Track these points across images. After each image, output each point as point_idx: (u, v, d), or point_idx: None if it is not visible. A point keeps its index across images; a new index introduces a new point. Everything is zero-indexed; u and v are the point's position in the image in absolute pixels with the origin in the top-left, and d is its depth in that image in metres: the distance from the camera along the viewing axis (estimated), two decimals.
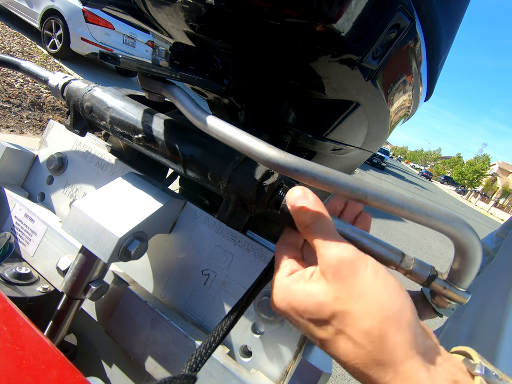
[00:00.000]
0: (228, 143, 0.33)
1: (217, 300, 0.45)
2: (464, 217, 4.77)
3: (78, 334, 0.55)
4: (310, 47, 0.38)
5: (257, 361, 0.43)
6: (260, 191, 0.37)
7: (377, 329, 0.24)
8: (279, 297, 0.29)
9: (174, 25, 0.47)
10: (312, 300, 0.26)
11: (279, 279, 0.30)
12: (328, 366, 0.39)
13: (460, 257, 0.28)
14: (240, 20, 0.39)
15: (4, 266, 0.50)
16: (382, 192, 0.27)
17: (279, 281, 0.30)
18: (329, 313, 0.26)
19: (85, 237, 0.40)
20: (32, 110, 3.57)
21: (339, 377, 2.14)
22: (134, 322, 0.45)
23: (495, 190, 59.20)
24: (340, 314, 0.25)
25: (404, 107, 0.59)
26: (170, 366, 0.43)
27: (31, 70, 0.55)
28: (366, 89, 0.45)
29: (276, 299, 0.29)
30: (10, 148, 0.57)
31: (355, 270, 0.26)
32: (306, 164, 0.28)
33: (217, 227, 0.47)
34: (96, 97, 0.47)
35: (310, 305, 0.27)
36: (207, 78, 0.45)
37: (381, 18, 0.36)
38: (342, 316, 0.25)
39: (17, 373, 0.26)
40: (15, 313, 0.32)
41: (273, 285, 0.31)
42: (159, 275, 0.49)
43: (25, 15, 5.91)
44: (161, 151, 0.43)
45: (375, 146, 0.71)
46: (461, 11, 0.50)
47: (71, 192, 0.57)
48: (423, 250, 6.43)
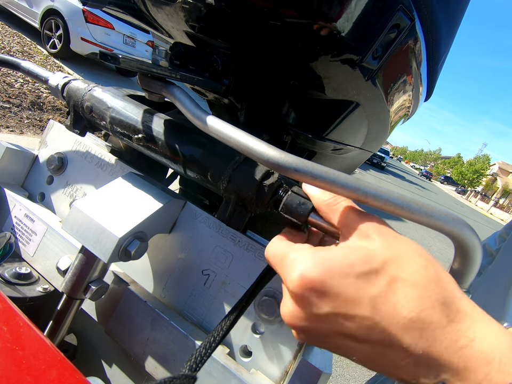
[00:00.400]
0: (228, 143, 0.33)
1: (217, 300, 0.45)
2: (464, 217, 4.78)
3: (78, 334, 0.55)
4: (310, 47, 0.38)
5: (257, 361, 0.43)
6: (260, 191, 0.37)
7: (431, 266, 0.23)
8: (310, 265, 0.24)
9: (174, 25, 0.47)
10: (358, 253, 0.24)
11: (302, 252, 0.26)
12: (328, 366, 0.39)
13: (460, 257, 0.28)
14: (240, 19, 0.39)
15: (4, 266, 0.50)
16: (382, 192, 0.27)
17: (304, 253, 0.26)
18: (380, 261, 0.23)
19: (85, 237, 0.40)
20: (32, 110, 3.57)
21: (339, 377, 2.14)
22: (134, 322, 0.45)
23: (495, 190, 59.20)
24: (391, 260, 0.23)
25: (404, 107, 0.59)
26: (170, 366, 0.43)
27: (31, 70, 0.55)
28: (366, 89, 0.45)
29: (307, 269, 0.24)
30: (10, 148, 0.57)
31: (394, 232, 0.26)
32: (306, 164, 0.28)
33: (217, 227, 0.47)
34: (96, 97, 0.47)
35: (356, 259, 0.24)
36: (207, 78, 0.45)
37: (381, 18, 0.36)
38: (394, 261, 0.23)
39: (17, 373, 0.26)
40: (15, 313, 0.32)
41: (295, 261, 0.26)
42: (159, 275, 0.49)
43: (25, 15, 5.91)
44: (161, 151, 0.43)
45: (375, 146, 0.71)
46: (461, 11, 0.50)
47: (71, 192, 0.57)
48: None
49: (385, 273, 0.23)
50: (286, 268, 0.26)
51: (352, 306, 0.23)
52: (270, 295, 0.42)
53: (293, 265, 0.25)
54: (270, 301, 0.41)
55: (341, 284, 0.23)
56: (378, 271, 0.23)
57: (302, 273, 0.24)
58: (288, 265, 0.26)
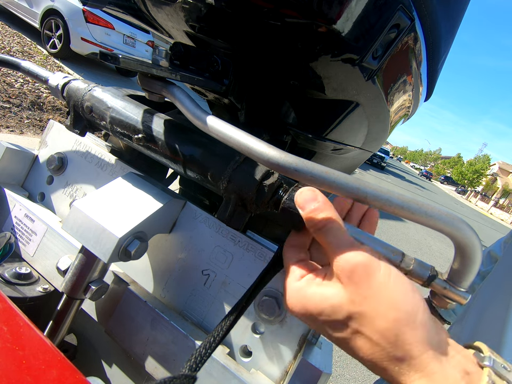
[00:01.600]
0: (228, 143, 0.33)
1: (217, 300, 0.45)
2: (464, 217, 4.78)
3: (78, 334, 0.55)
4: (310, 47, 0.38)
5: (257, 361, 0.43)
6: (259, 191, 0.37)
7: (392, 329, 0.25)
8: (293, 301, 0.30)
9: (174, 25, 0.47)
10: (327, 303, 0.27)
11: (290, 284, 0.31)
12: (328, 366, 0.39)
13: (460, 257, 0.28)
14: (240, 19, 0.39)
15: (4, 266, 0.50)
16: (382, 192, 0.27)
17: (291, 286, 0.30)
18: (345, 315, 0.26)
19: (85, 237, 0.39)
20: (32, 110, 3.57)
21: (339, 377, 2.14)
22: (134, 322, 0.45)
23: (495, 190, 59.19)
24: (355, 316, 0.26)
25: (404, 107, 0.59)
26: (170, 366, 0.43)
27: (31, 70, 0.55)
28: (366, 89, 0.45)
29: (290, 302, 0.30)
30: (10, 147, 0.57)
31: (368, 273, 0.26)
32: (306, 164, 0.28)
33: (217, 227, 0.47)
34: (96, 97, 0.47)
35: (325, 308, 0.27)
36: (207, 78, 0.45)
37: (381, 18, 0.36)
38: (358, 317, 0.26)
39: (17, 373, 0.26)
40: (15, 313, 0.32)
41: (286, 289, 0.31)
42: (159, 275, 0.49)
43: (25, 15, 5.91)
44: (161, 151, 0.43)
45: (375, 146, 0.71)
46: (461, 11, 0.50)
47: (71, 192, 0.57)
48: (423, 250, 6.43)
49: (350, 326, 0.27)
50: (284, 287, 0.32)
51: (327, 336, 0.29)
52: (270, 295, 0.42)
53: (285, 291, 0.31)
54: (270, 301, 0.41)
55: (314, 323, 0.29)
56: (344, 322, 0.27)
57: (288, 305, 0.30)
58: (285, 286, 0.32)
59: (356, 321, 0.26)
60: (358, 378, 2.20)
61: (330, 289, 0.28)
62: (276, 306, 0.41)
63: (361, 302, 0.26)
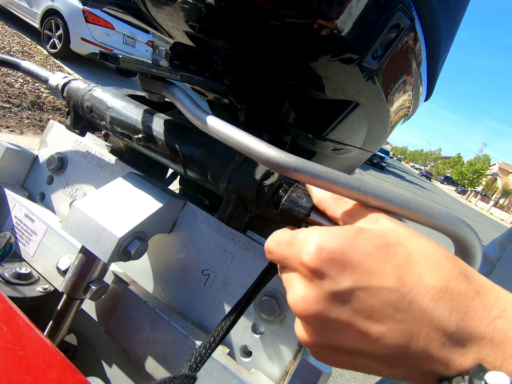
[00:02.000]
0: (228, 143, 0.33)
1: (217, 300, 0.45)
2: (464, 217, 4.77)
3: (78, 334, 0.55)
4: (310, 47, 0.38)
5: (257, 361, 0.43)
6: (259, 191, 0.37)
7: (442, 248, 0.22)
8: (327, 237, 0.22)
9: (174, 25, 0.47)
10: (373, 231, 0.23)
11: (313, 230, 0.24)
12: (328, 366, 0.39)
13: (460, 257, 0.28)
14: (240, 19, 0.39)
15: (4, 266, 0.50)
16: (382, 192, 0.27)
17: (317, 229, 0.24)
18: (395, 237, 0.22)
19: (85, 237, 0.39)
20: (32, 110, 3.57)
21: (339, 377, 2.14)
22: (134, 322, 0.45)
23: (495, 190, 59.19)
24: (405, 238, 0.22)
25: (404, 107, 0.59)
26: (170, 366, 0.43)
27: (31, 70, 0.55)
28: (366, 89, 0.45)
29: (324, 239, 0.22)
30: (10, 148, 0.57)
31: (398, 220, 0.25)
32: (306, 164, 0.28)
33: (217, 227, 0.47)
34: (96, 97, 0.47)
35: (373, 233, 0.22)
36: (207, 78, 0.45)
37: (380, 18, 0.36)
38: (408, 238, 0.22)
39: (17, 373, 0.26)
40: (15, 313, 0.32)
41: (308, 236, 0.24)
42: (159, 275, 0.49)
43: (25, 15, 5.91)
44: (161, 151, 0.43)
45: (375, 146, 0.71)
46: (461, 11, 0.50)
47: (71, 192, 0.57)
48: None
49: (403, 246, 0.22)
50: (297, 245, 0.24)
51: (376, 278, 0.21)
52: (270, 295, 0.42)
53: (306, 240, 0.23)
54: (270, 301, 0.41)
55: (362, 254, 0.21)
56: (395, 244, 0.22)
57: (320, 244, 0.22)
58: (299, 243, 0.24)
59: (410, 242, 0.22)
60: (358, 378, 2.20)
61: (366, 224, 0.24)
62: (276, 306, 0.41)
63: (405, 228, 0.23)
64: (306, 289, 0.22)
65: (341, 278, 0.21)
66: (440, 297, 0.20)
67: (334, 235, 0.22)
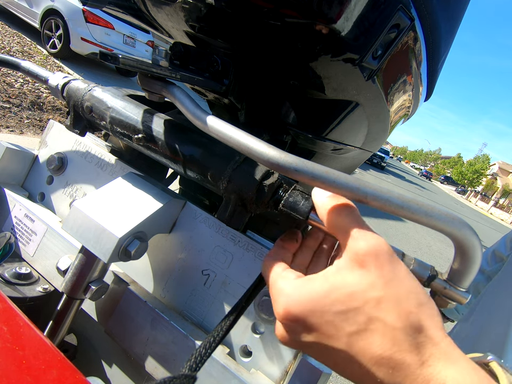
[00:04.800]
0: (228, 143, 0.33)
1: (217, 300, 0.45)
2: (464, 217, 4.78)
3: (78, 334, 0.55)
4: (310, 47, 0.38)
5: (257, 361, 0.43)
6: (259, 191, 0.37)
7: (415, 313, 0.24)
8: (293, 301, 0.26)
9: (174, 25, 0.47)
10: (343, 290, 0.25)
11: (289, 283, 0.28)
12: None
13: (460, 257, 0.28)
14: (240, 19, 0.39)
15: (4, 266, 0.50)
16: (382, 192, 0.27)
17: (292, 284, 0.28)
18: (363, 301, 0.25)
19: (85, 237, 0.39)
20: (32, 110, 3.57)
21: (339, 377, 2.14)
22: (134, 322, 0.45)
23: (495, 190, 59.19)
24: (374, 301, 0.24)
25: (404, 107, 0.59)
26: (170, 366, 0.43)
27: (31, 70, 0.55)
28: (366, 89, 0.45)
29: (290, 304, 0.26)
30: (10, 148, 0.57)
31: (393, 259, 0.26)
32: (306, 164, 0.28)
33: (217, 227, 0.47)
34: (96, 97, 0.47)
35: (339, 296, 0.25)
36: (207, 78, 0.45)
37: (380, 18, 0.36)
38: (377, 301, 0.24)
39: (17, 373, 0.26)
40: (15, 313, 0.32)
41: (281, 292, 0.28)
42: (159, 275, 0.49)
43: (25, 15, 5.91)
44: (161, 151, 0.43)
45: (375, 146, 0.71)
46: (461, 11, 0.50)
47: (71, 192, 0.57)
48: (423, 250, 6.42)
49: (365, 312, 0.24)
50: (274, 296, 0.29)
51: (330, 340, 0.25)
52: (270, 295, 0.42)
53: (279, 297, 0.28)
54: (270, 301, 0.41)
55: (321, 320, 0.25)
56: (359, 309, 0.24)
57: (286, 308, 0.27)
58: (275, 295, 0.28)
59: (374, 307, 0.24)
60: None
61: (347, 276, 0.26)
62: None
63: (382, 286, 0.24)
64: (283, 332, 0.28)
65: (305, 334, 0.26)
66: (383, 363, 0.23)
67: (300, 298, 0.26)
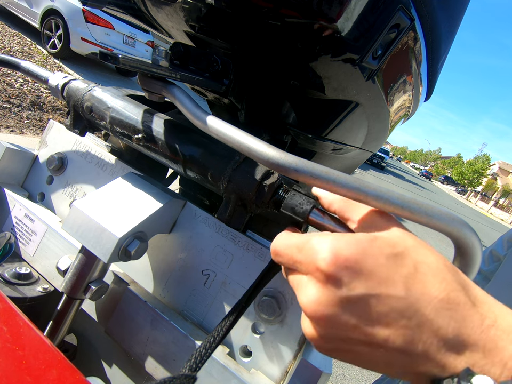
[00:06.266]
0: (228, 143, 0.33)
1: (217, 300, 0.45)
2: (464, 217, 4.77)
3: (78, 334, 0.55)
4: (310, 47, 0.38)
5: (257, 361, 0.43)
6: (260, 191, 0.37)
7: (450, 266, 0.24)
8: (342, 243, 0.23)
9: (174, 25, 0.47)
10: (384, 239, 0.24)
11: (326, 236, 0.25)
12: (328, 366, 0.39)
13: (460, 257, 0.28)
14: (240, 19, 0.39)
15: (4, 266, 0.50)
16: (382, 192, 0.27)
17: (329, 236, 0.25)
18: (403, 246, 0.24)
19: (85, 237, 0.39)
20: (32, 110, 3.57)
21: (339, 377, 2.14)
22: (134, 322, 0.45)
23: (495, 190, 59.20)
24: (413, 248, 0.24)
25: (404, 107, 0.59)
26: (170, 366, 0.43)
27: (31, 70, 0.55)
28: (366, 89, 0.45)
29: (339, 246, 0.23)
30: (10, 148, 0.57)
31: None
32: (306, 164, 0.28)
33: (217, 227, 0.47)
34: (96, 97, 0.47)
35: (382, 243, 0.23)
36: (207, 78, 0.45)
37: (380, 18, 0.36)
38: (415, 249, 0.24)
39: (17, 373, 0.26)
40: (15, 313, 0.32)
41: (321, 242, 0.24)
42: (159, 275, 0.49)
43: (25, 15, 5.91)
44: (161, 151, 0.43)
45: (375, 146, 0.71)
46: (461, 11, 0.50)
47: (71, 192, 0.57)
48: None
49: (410, 256, 0.23)
50: (311, 250, 0.25)
51: (386, 286, 0.22)
52: (270, 295, 0.42)
53: (321, 246, 0.24)
54: (270, 301, 0.41)
55: (374, 264, 0.22)
56: (403, 254, 0.23)
57: (336, 251, 0.23)
58: (313, 248, 0.25)
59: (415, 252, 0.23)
60: (358, 378, 2.20)
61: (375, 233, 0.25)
62: (275, 306, 0.41)
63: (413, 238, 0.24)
64: (320, 293, 0.23)
65: (354, 285, 0.22)
66: (441, 306, 0.21)
67: (348, 243, 0.24)
